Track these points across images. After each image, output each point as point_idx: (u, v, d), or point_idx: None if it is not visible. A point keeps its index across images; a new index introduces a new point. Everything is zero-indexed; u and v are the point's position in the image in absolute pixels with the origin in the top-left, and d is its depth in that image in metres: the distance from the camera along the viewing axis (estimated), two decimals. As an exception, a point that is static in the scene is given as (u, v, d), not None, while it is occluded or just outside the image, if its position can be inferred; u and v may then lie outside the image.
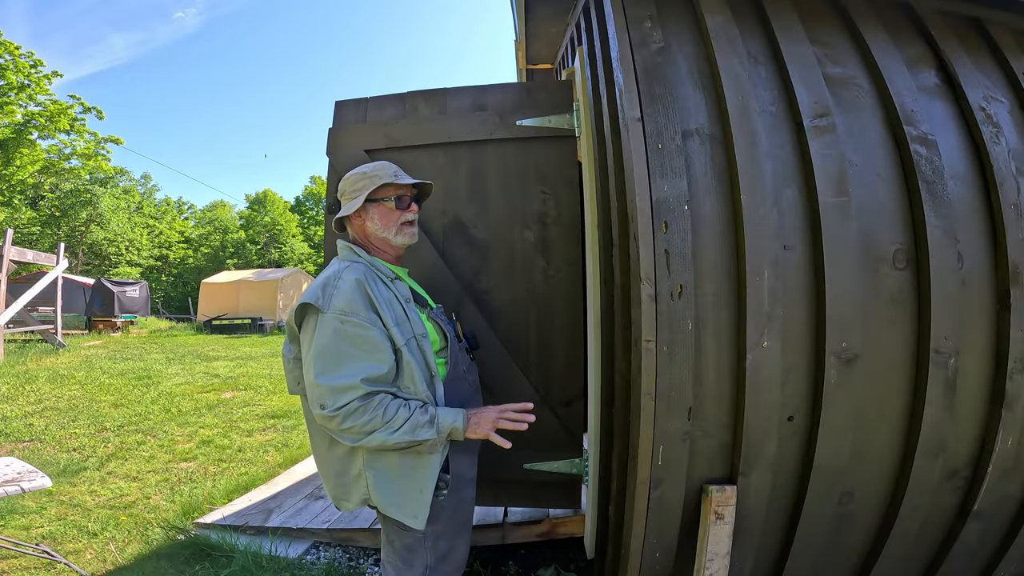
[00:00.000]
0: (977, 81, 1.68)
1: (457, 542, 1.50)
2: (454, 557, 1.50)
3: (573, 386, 2.06)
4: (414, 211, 1.54)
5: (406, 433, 1.29)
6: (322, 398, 1.28)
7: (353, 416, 1.27)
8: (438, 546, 1.44)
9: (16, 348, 10.20)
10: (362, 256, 1.48)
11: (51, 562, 2.46)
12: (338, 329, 1.30)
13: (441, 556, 1.46)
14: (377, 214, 1.51)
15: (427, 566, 1.44)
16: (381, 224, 1.51)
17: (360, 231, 1.54)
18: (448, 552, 1.47)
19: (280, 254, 36.65)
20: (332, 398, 1.27)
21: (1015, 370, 1.50)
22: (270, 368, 8.95)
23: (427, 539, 1.42)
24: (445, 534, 1.45)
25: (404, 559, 1.45)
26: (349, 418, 1.27)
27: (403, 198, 1.52)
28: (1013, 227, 1.52)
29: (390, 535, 1.47)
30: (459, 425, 1.36)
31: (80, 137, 22.54)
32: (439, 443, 1.35)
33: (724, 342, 1.47)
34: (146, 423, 5.19)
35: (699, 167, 1.51)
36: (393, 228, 1.51)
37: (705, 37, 1.63)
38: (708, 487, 1.51)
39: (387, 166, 1.53)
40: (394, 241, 1.52)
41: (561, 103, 2.11)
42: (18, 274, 14.44)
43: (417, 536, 1.41)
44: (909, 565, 1.71)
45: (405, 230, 1.52)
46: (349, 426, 1.27)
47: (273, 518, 2.89)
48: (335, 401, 1.26)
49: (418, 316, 1.45)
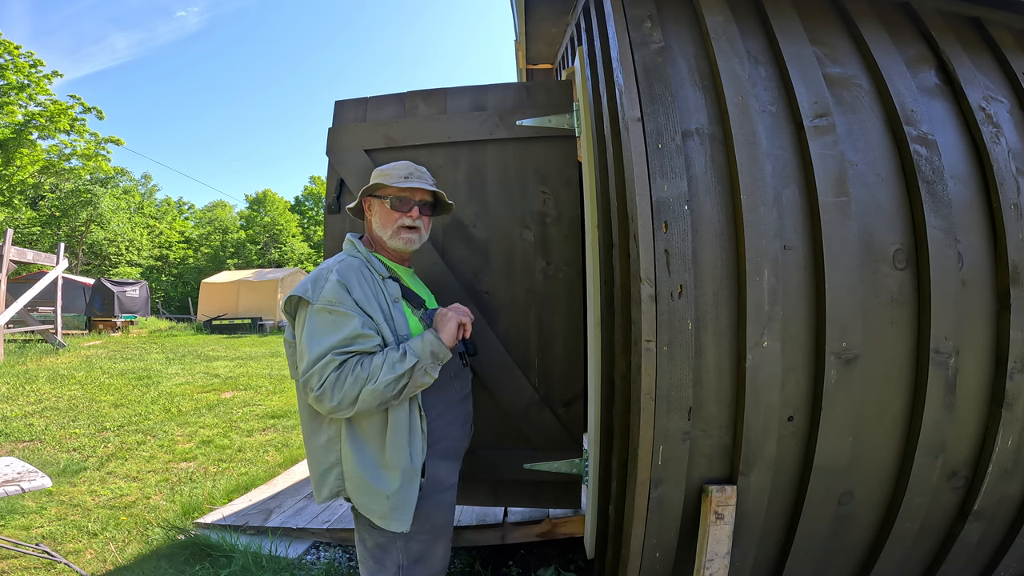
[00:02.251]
0: (977, 81, 1.68)
1: (434, 546, 1.48)
2: (430, 561, 1.48)
3: (573, 386, 2.06)
4: (414, 216, 1.50)
5: (387, 373, 1.29)
6: (309, 382, 1.30)
7: (335, 387, 1.27)
8: (410, 548, 1.43)
9: (16, 348, 10.20)
10: (360, 251, 1.49)
11: (51, 562, 2.46)
12: (325, 318, 1.32)
13: (415, 558, 1.44)
14: (378, 212, 1.53)
15: (400, 566, 1.43)
16: (380, 223, 1.52)
17: (368, 226, 1.58)
18: (423, 555, 1.45)
19: (280, 254, 36.64)
20: (316, 378, 1.28)
21: (1015, 370, 1.50)
22: (270, 368, 8.95)
23: (398, 539, 1.41)
24: (418, 536, 1.43)
25: (376, 558, 1.44)
26: (332, 390, 1.27)
27: (404, 201, 1.50)
28: (1013, 227, 1.52)
29: (362, 533, 1.46)
30: (429, 338, 1.37)
31: (80, 137, 22.54)
32: (427, 366, 1.35)
33: (724, 342, 1.47)
34: (146, 423, 5.19)
35: (699, 167, 1.51)
36: (389, 229, 1.50)
37: (705, 37, 1.63)
38: (708, 487, 1.51)
39: (403, 168, 1.52)
40: (388, 243, 1.52)
41: (561, 103, 2.11)
42: (18, 274, 14.44)
43: (388, 536, 1.41)
44: (909, 565, 1.72)
45: (401, 234, 1.50)
46: (338, 399, 1.28)
47: (273, 518, 2.89)
48: (319, 379, 1.28)
49: (404, 317, 1.44)
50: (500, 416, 2.03)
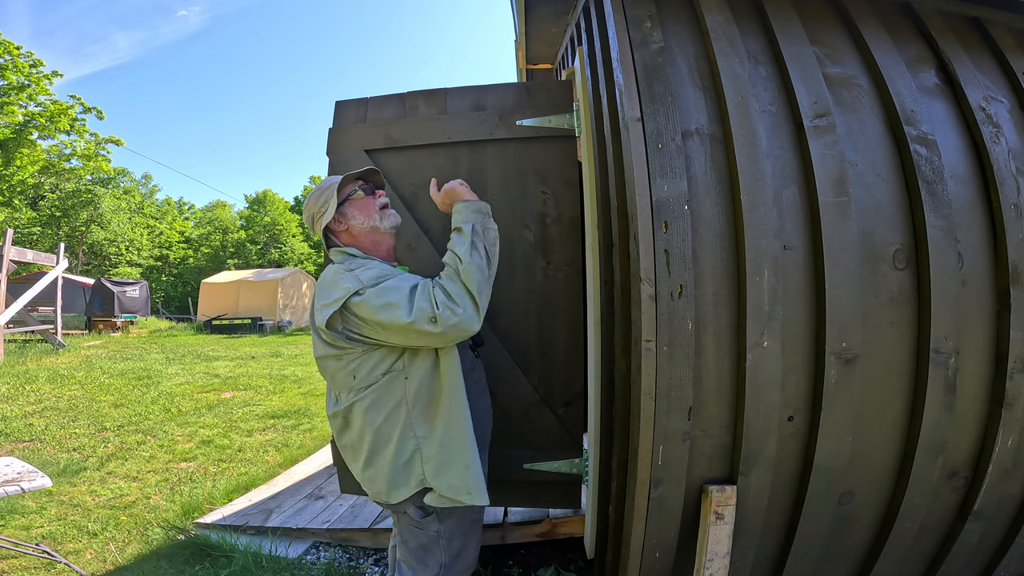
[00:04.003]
0: (977, 81, 1.68)
1: (469, 541, 1.51)
2: (466, 555, 1.51)
3: (573, 386, 2.06)
4: (382, 195, 1.57)
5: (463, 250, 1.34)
6: (422, 319, 1.27)
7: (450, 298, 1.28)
8: (452, 544, 1.45)
9: (16, 348, 10.20)
10: (357, 256, 1.47)
11: (51, 562, 2.46)
12: (384, 286, 1.33)
13: (455, 554, 1.47)
14: (356, 209, 1.51)
15: (442, 565, 1.45)
16: (363, 216, 1.51)
17: (349, 238, 1.52)
18: (461, 550, 1.48)
19: (280, 254, 36.62)
20: (427, 313, 1.27)
21: (1015, 370, 1.50)
22: (270, 368, 8.95)
23: (441, 538, 1.44)
24: (458, 532, 1.46)
25: (419, 559, 1.46)
26: (450, 302, 1.28)
27: (366, 185, 1.55)
28: (1013, 227, 1.52)
29: (404, 535, 1.47)
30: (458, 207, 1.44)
31: (80, 137, 22.53)
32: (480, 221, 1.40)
33: (724, 342, 1.47)
34: (146, 423, 5.19)
35: (699, 167, 1.51)
36: (376, 214, 1.52)
37: (705, 37, 1.63)
38: (708, 487, 1.51)
39: (334, 176, 1.55)
40: (382, 226, 1.52)
41: (561, 103, 2.10)
42: (18, 274, 14.43)
43: (431, 535, 1.43)
44: (909, 565, 1.71)
45: (386, 213, 1.54)
46: (460, 303, 1.28)
47: (273, 518, 2.89)
48: (430, 307, 1.27)
49: None
50: (500, 416, 2.02)
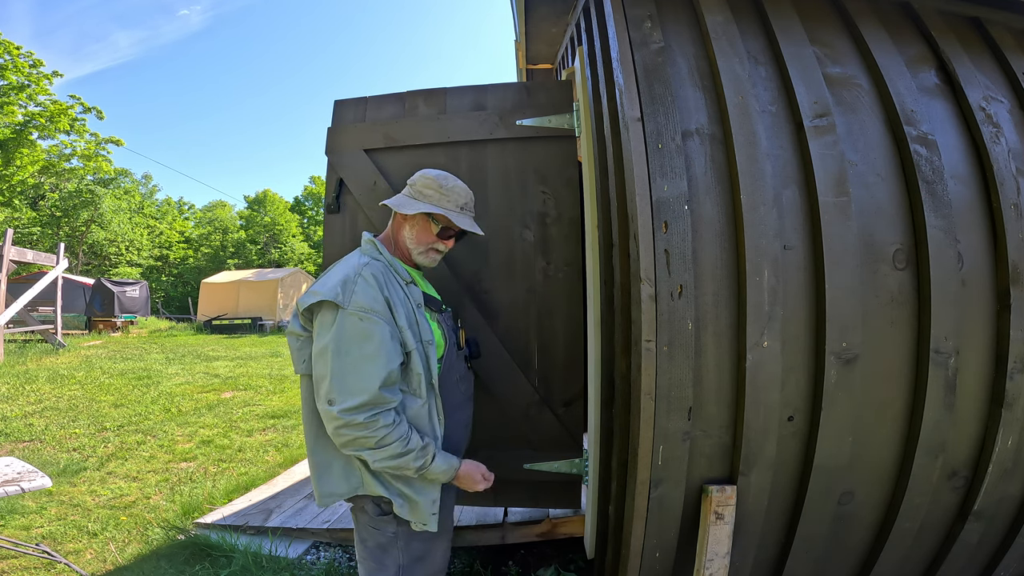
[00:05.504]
0: (977, 81, 1.68)
1: (434, 544, 1.48)
2: (431, 561, 1.48)
3: (573, 386, 2.06)
4: (448, 245, 1.55)
5: (413, 458, 1.33)
6: (330, 394, 1.28)
7: (354, 428, 1.27)
8: (412, 547, 1.43)
9: (16, 348, 10.20)
10: (383, 254, 1.48)
11: (51, 562, 2.46)
12: (357, 326, 1.29)
13: (416, 557, 1.44)
14: (418, 226, 1.50)
15: (400, 566, 1.43)
16: (415, 237, 1.51)
17: (398, 228, 1.54)
18: (425, 554, 1.46)
19: (280, 254, 36.62)
20: (342, 399, 1.27)
21: (1015, 370, 1.50)
22: (270, 368, 8.95)
23: (399, 538, 1.41)
24: (419, 536, 1.43)
25: (376, 559, 1.44)
26: (350, 427, 1.27)
27: (448, 230, 1.52)
28: (1013, 227, 1.52)
29: (362, 533, 1.46)
30: (455, 466, 1.42)
31: (80, 137, 22.54)
32: (431, 471, 1.37)
33: (724, 342, 1.47)
34: (146, 423, 5.19)
35: (699, 167, 1.51)
36: (421, 247, 1.51)
37: (705, 37, 1.63)
38: (708, 487, 1.51)
39: (462, 195, 1.52)
40: (415, 258, 1.53)
41: (561, 103, 2.10)
42: (18, 274, 14.43)
43: (388, 535, 1.41)
44: (909, 565, 1.72)
45: (431, 255, 1.53)
46: (349, 435, 1.28)
47: (273, 518, 2.89)
48: (344, 402, 1.26)
49: (427, 322, 1.45)
50: (500, 416, 2.03)
